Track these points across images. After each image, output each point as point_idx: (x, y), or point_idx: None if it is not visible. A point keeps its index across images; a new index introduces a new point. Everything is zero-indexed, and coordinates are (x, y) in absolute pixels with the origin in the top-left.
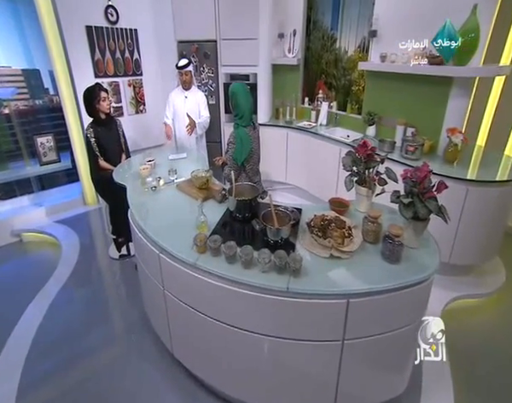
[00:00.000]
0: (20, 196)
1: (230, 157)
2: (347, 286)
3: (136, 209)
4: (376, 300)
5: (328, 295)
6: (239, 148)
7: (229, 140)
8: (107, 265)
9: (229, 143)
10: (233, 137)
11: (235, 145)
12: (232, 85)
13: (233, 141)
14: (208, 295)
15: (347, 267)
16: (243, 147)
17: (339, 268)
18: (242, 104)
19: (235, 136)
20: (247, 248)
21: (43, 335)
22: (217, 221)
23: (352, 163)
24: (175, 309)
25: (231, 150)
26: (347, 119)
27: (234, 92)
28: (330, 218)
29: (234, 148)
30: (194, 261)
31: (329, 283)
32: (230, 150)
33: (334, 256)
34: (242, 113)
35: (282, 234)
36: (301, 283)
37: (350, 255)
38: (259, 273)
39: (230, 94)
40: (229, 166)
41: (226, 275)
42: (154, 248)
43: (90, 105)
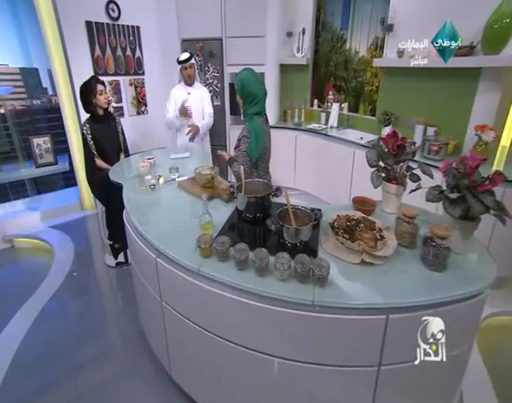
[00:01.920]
0: (13, 200)
1: (244, 153)
2: (386, 298)
3: (131, 209)
4: (422, 316)
5: (362, 310)
6: (254, 142)
7: (242, 134)
8: (103, 274)
9: (241, 138)
10: (246, 131)
11: (249, 139)
12: (240, 74)
13: (247, 134)
14: (214, 308)
15: (382, 275)
16: (258, 141)
17: (372, 276)
18: (255, 91)
19: (248, 129)
20: (262, 252)
21: (26, 351)
22: (223, 222)
23: (378, 157)
24: (174, 324)
25: (244, 145)
26: (360, 121)
27: (243, 82)
28: (358, 218)
29: (248, 143)
30: (198, 267)
31: (363, 295)
32: (243, 145)
33: (365, 262)
34: (257, 99)
35: (302, 236)
36: (328, 294)
37: (384, 261)
38: (276, 282)
39: (240, 84)
40: (240, 163)
41: (236, 284)
42: (150, 251)
43: (86, 99)
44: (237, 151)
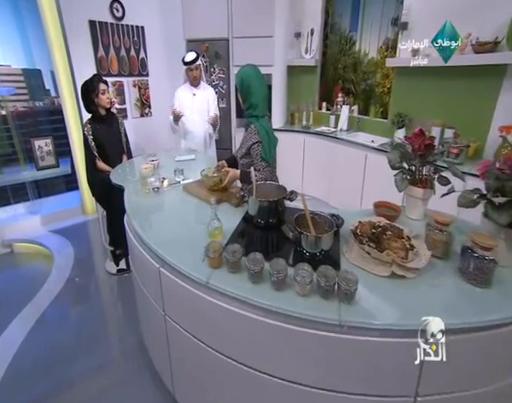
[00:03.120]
0: (14, 204)
1: (259, 158)
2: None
3: (132, 213)
4: (467, 340)
5: (397, 331)
6: (267, 142)
7: (251, 140)
8: (103, 281)
9: (253, 144)
10: (255, 133)
11: (262, 142)
12: (241, 71)
13: (258, 138)
14: (224, 326)
15: (416, 290)
16: (271, 140)
17: (404, 291)
18: (257, 91)
19: (257, 130)
20: (280, 263)
21: (22, 359)
22: (233, 229)
23: (401, 158)
24: (178, 340)
25: (258, 150)
26: (370, 124)
27: (244, 79)
28: (384, 224)
29: (261, 146)
30: (206, 279)
31: (396, 314)
32: (257, 150)
33: (395, 275)
34: (257, 103)
35: (323, 244)
36: (356, 312)
37: (416, 274)
38: (296, 297)
39: (240, 82)
40: (258, 170)
41: (250, 299)
42: (153, 260)
43: (87, 99)
44: (245, 159)
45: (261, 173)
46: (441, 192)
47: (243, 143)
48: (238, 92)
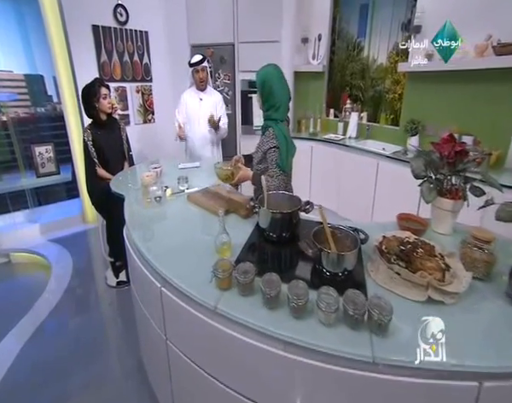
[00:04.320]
0: (13, 212)
1: (274, 165)
2: (475, 356)
3: (132, 224)
4: None
5: (443, 373)
6: (284, 149)
7: (268, 145)
8: (102, 294)
9: (269, 149)
10: (273, 138)
11: (279, 148)
12: (263, 70)
13: (276, 143)
14: (233, 358)
15: (459, 319)
16: (288, 147)
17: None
18: (279, 93)
19: (275, 135)
20: (300, 287)
21: (15, 376)
22: (242, 243)
23: (426, 166)
24: (181, 369)
25: (275, 156)
26: (381, 131)
27: (266, 79)
28: (414, 241)
29: (278, 152)
30: (215, 304)
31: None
32: (273, 155)
33: (431, 300)
34: (280, 104)
35: (346, 263)
36: (391, 346)
37: (456, 299)
38: (319, 327)
39: (261, 82)
40: (271, 176)
41: (264, 328)
42: (153, 278)
43: (88, 103)
44: (261, 165)
45: (274, 180)
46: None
47: (259, 147)
48: (258, 93)
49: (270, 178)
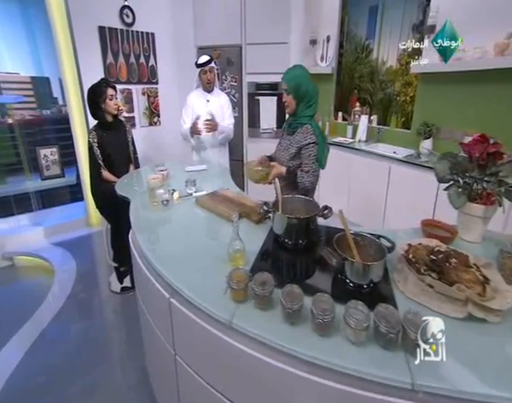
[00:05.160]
0: (17, 214)
1: (312, 160)
2: None
3: (138, 228)
4: None
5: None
6: (322, 145)
7: (306, 140)
8: (106, 300)
9: (308, 145)
10: (311, 133)
11: (317, 144)
12: (295, 74)
13: (315, 139)
14: (250, 378)
15: (505, 340)
16: (325, 144)
17: (490, 341)
18: (312, 92)
19: (313, 130)
20: (325, 300)
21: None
22: (256, 250)
23: (452, 169)
24: (192, 388)
25: (313, 151)
26: (391, 134)
27: (302, 82)
28: (446, 249)
29: (317, 148)
30: (230, 318)
31: (488, 374)
32: (311, 151)
33: (471, 316)
34: (313, 101)
35: (373, 274)
36: (431, 370)
37: (500, 317)
38: (347, 345)
39: (296, 85)
40: (306, 172)
41: (286, 347)
42: (162, 287)
43: (94, 104)
44: (293, 161)
45: (310, 176)
46: None
47: (292, 143)
48: (291, 95)
49: (306, 174)
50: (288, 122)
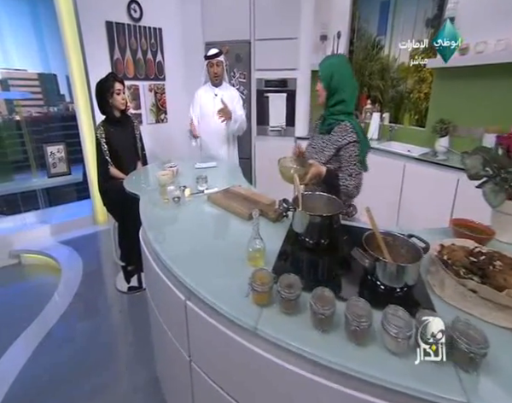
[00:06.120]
0: (24, 212)
1: (354, 161)
2: None
3: (150, 227)
4: None
5: None
6: (364, 144)
7: (345, 140)
8: (113, 300)
9: (347, 144)
10: (350, 131)
11: (359, 142)
12: (329, 63)
13: (355, 137)
14: (277, 390)
15: None
16: (367, 144)
17: None
18: (349, 85)
19: (352, 128)
20: (361, 306)
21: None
22: (276, 250)
23: (485, 165)
24: (209, 398)
25: (354, 151)
26: (405, 132)
27: (335, 72)
28: (489, 251)
29: (358, 147)
30: (254, 324)
31: None
32: (352, 151)
33: None
34: (351, 96)
35: (407, 277)
36: (487, 386)
37: None
38: (386, 356)
39: (329, 76)
40: (349, 175)
41: (320, 357)
42: (176, 289)
43: (102, 99)
44: (331, 164)
45: (353, 179)
46: None
47: (328, 144)
48: (324, 86)
49: (348, 177)
50: (320, 119)
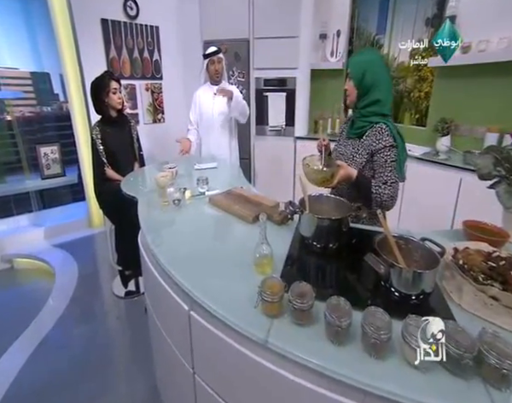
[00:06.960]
0: (17, 215)
1: (390, 168)
2: None
3: (149, 231)
4: None
5: None
6: (402, 149)
7: (381, 143)
8: (109, 305)
9: (383, 148)
10: (387, 134)
11: (396, 147)
12: (361, 59)
13: (392, 141)
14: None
15: None
16: (405, 149)
17: None
18: (385, 84)
19: (388, 131)
20: (380, 317)
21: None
22: (283, 255)
23: (496, 165)
24: None
25: (390, 156)
26: (405, 132)
27: (368, 70)
28: (508, 256)
29: (395, 152)
30: (265, 337)
31: None
32: (388, 156)
33: None
34: (386, 96)
35: (424, 284)
36: None
37: None
38: (407, 369)
39: (361, 73)
40: (384, 183)
41: (337, 373)
42: (179, 298)
43: (97, 98)
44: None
45: (388, 188)
46: None
47: (360, 150)
48: (355, 85)
49: (383, 185)
50: (348, 122)
